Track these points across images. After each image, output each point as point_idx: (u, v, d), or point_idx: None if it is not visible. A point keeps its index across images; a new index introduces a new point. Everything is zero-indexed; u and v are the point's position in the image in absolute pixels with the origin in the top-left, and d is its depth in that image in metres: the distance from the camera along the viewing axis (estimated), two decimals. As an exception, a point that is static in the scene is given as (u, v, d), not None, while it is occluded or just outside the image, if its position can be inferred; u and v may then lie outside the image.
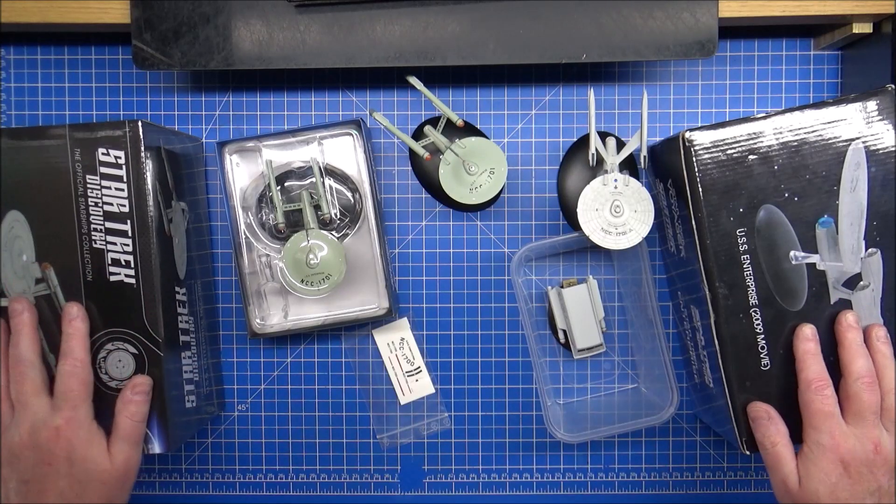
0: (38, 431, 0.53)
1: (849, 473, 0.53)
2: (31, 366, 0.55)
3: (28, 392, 0.54)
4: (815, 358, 0.55)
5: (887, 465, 0.53)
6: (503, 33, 0.57)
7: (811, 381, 0.55)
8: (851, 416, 0.54)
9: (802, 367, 0.55)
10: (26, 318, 0.56)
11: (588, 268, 0.66)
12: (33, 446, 0.53)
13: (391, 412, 0.67)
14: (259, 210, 0.62)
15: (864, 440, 0.53)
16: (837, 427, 0.53)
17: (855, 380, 0.54)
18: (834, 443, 0.53)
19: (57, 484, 0.53)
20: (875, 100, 0.55)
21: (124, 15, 0.58)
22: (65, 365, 0.54)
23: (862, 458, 0.53)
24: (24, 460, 0.53)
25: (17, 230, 0.56)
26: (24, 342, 0.55)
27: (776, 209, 0.55)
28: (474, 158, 0.59)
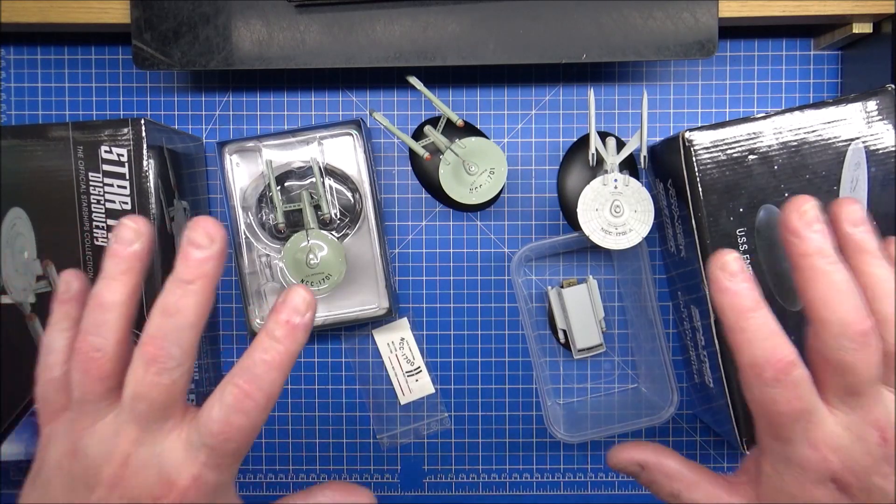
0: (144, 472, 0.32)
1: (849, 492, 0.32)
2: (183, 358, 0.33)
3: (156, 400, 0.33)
4: (758, 316, 0.33)
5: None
6: (503, 33, 0.57)
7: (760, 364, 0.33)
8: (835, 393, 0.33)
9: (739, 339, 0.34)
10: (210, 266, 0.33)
11: (588, 268, 0.66)
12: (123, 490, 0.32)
13: (391, 412, 0.67)
14: (259, 210, 0.62)
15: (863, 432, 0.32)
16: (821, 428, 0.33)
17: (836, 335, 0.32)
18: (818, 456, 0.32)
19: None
20: (875, 100, 0.55)
21: (124, 15, 0.58)
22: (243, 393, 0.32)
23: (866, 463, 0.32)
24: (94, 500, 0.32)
25: (18, 227, 0.56)
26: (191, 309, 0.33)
27: (776, 209, 0.55)
28: (474, 158, 0.59)
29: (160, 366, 0.32)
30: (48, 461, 0.34)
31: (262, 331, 0.33)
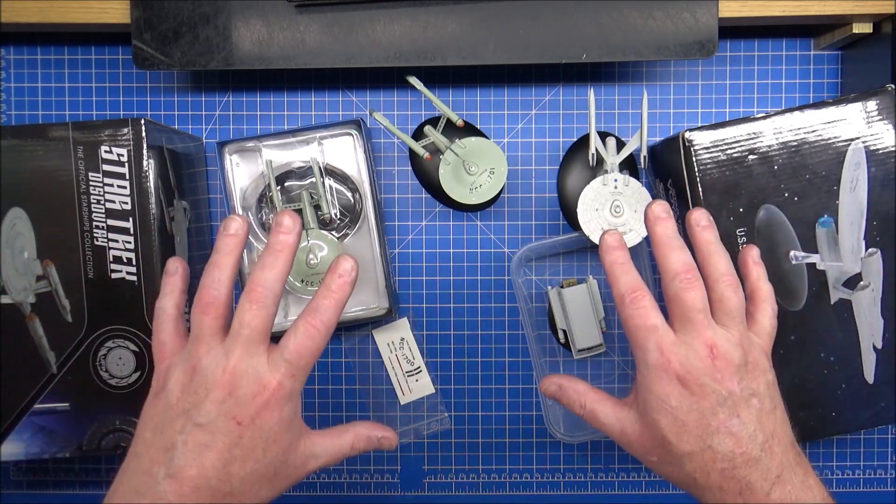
0: (246, 378, 0.44)
1: (690, 390, 0.44)
2: (275, 299, 0.46)
3: (257, 327, 0.45)
4: (625, 267, 0.47)
5: (731, 366, 0.44)
6: (503, 33, 0.57)
7: (624, 294, 0.46)
8: (677, 321, 0.46)
9: (612, 281, 0.47)
10: (292, 241, 0.47)
11: (588, 268, 0.66)
12: (231, 390, 0.43)
13: (391, 412, 0.67)
14: (259, 210, 0.62)
15: (695, 346, 0.44)
16: (664, 339, 0.45)
17: (672, 279, 0.46)
18: (663, 359, 0.44)
19: (230, 450, 0.43)
20: (875, 100, 0.55)
21: (124, 15, 0.58)
22: (309, 325, 0.45)
23: (699, 367, 0.44)
24: (211, 400, 0.43)
25: (18, 227, 0.56)
26: (280, 267, 0.46)
27: (776, 209, 0.55)
28: (474, 158, 0.59)
29: (260, 303, 0.45)
30: (170, 379, 0.45)
31: (322, 285, 0.47)
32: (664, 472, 0.47)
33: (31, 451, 0.58)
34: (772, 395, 0.46)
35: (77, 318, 0.56)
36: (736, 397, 0.44)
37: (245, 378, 0.44)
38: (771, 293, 0.50)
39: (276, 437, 0.44)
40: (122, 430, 0.58)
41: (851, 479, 0.67)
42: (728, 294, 0.46)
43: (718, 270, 0.47)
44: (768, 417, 0.44)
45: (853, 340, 0.57)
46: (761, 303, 0.49)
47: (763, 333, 0.48)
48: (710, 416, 0.44)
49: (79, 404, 0.57)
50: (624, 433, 0.48)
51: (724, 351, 0.45)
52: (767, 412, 0.44)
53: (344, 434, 0.49)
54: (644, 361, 0.45)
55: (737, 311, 0.46)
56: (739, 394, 0.44)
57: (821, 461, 0.67)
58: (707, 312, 0.45)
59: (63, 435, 0.58)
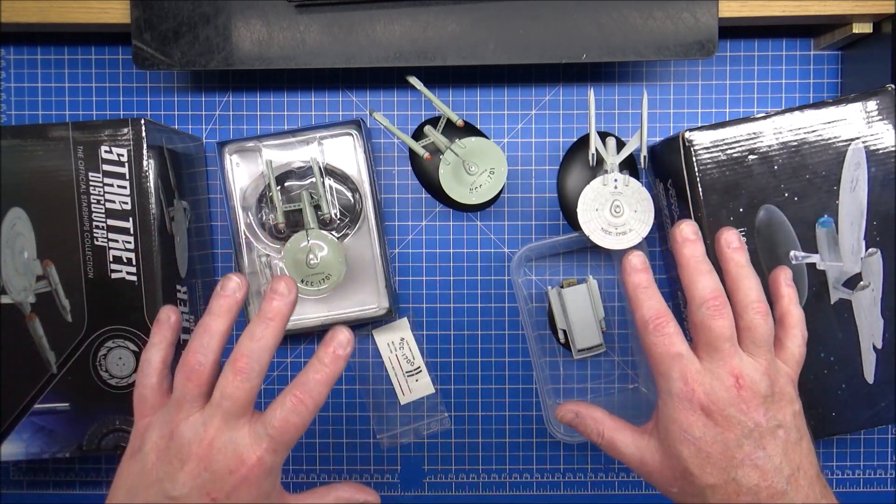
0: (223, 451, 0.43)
1: (714, 421, 0.43)
2: (260, 372, 0.44)
3: (238, 399, 0.43)
4: (648, 291, 0.46)
5: (757, 397, 0.43)
6: (503, 33, 0.57)
7: (648, 320, 0.45)
8: (703, 348, 0.45)
9: (635, 305, 0.46)
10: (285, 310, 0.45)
11: (588, 268, 0.66)
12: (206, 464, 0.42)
13: (391, 412, 0.67)
14: (259, 210, 0.62)
15: (721, 375, 0.43)
16: (689, 367, 0.44)
17: (699, 305, 0.44)
18: (688, 388, 0.43)
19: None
20: (875, 100, 0.55)
21: (124, 15, 0.58)
22: (297, 400, 0.44)
23: (724, 397, 0.43)
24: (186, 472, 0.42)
25: (18, 227, 0.56)
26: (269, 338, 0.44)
27: (776, 209, 0.55)
28: (474, 158, 0.59)
29: (245, 375, 0.43)
30: (147, 442, 0.44)
31: (314, 356, 0.45)
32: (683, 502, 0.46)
33: (31, 451, 0.58)
34: (798, 425, 0.44)
35: (77, 318, 0.56)
36: (762, 429, 0.43)
37: (222, 453, 0.42)
38: (802, 318, 0.48)
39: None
40: (122, 430, 0.58)
41: (851, 479, 0.67)
42: (757, 322, 0.45)
43: (749, 297, 0.45)
44: (794, 449, 0.43)
45: (853, 340, 0.57)
46: (791, 329, 0.48)
47: (791, 361, 0.47)
48: (734, 448, 0.43)
49: (79, 404, 0.57)
50: (644, 463, 0.46)
51: (750, 381, 0.43)
52: (793, 443, 0.43)
53: (325, 497, 0.48)
54: (667, 390, 0.44)
55: (765, 339, 0.45)
56: (766, 425, 0.43)
57: (821, 461, 0.67)
58: (734, 341, 0.44)
59: (63, 435, 0.58)
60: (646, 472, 0.47)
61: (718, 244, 0.47)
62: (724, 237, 0.47)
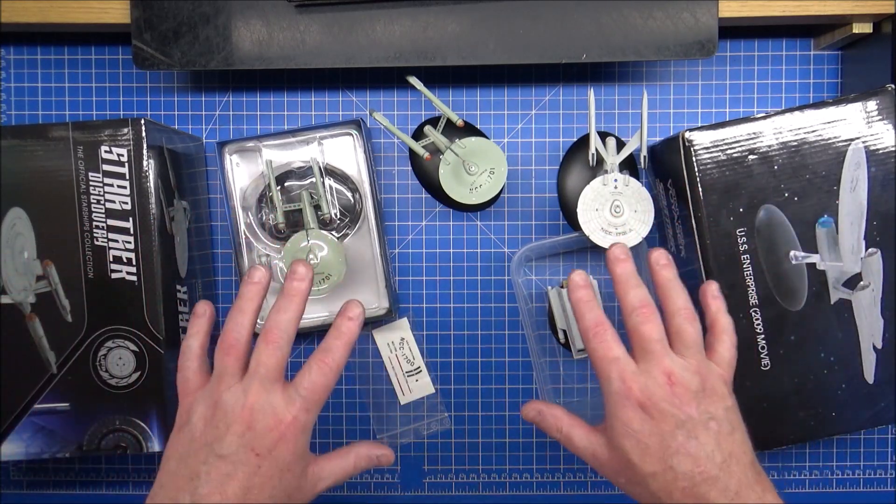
0: (263, 413, 0.47)
1: (650, 415, 0.47)
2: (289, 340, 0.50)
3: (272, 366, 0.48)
4: (589, 304, 0.51)
5: (688, 392, 0.47)
6: (503, 33, 0.57)
7: (588, 329, 0.50)
8: (637, 352, 0.49)
9: (579, 317, 0.51)
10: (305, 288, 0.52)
11: (588, 268, 0.66)
12: (249, 425, 0.47)
13: (391, 412, 0.67)
14: (259, 210, 0.62)
15: (654, 374, 0.47)
16: (626, 368, 0.48)
17: (630, 313, 0.49)
18: (625, 387, 0.47)
19: (249, 480, 0.46)
20: (875, 100, 0.55)
21: (124, 15, 0.58)
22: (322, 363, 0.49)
23: (658, 393, 0.47)
24: (232, 433, 0.47)
25: (18, 227, 0.56)
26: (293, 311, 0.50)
27: (776, 209, 0.55)
28: (474, 158, 0.59)
29: (276, 344, 0.49)
30: (194, 414, 0.48)
31: (333, 326, 0.51)
32: (632, 492, 0.49)
33: (31, 451, 0.58)
34: (730, 419, 0.48)
35: (77, 318, 0.56)
36: (694, 421, 0.46)
37: (262, 413, 0.47)
38: (730, 325, 0.52)
39: (291, 466, 0.48)
40: (122, 429, 0.58)
41: (851, 479, 0.67)
42: (685, 327, 0.49)
43: (676, 305, 0.50)
44: (727, 439, 0.46)
45: (853, 340, 0.57)
46: (720, 334, 0.51)
47: (723, 363, 0.50)
48: (669, 439, 0.46)
49: (79, 404, 0.57)
50: (595, 456, 0.50)
51: (681, 378, 0.47)
52: (726, 434, 0.47)
53: (346, 455, 0.53)
54: (609, 391, 0.48)
55: (694, 341, 0.49)
56: (698, 417, 0.46)
57: (821, 461, 0.67)
58: (664, 343, 0.49)
59: (63, 435, 0.58)
60: (598, 464, 0.50)
61: (649, 262, 0.51)
62: (654, 256, 0.51)
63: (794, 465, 0.67)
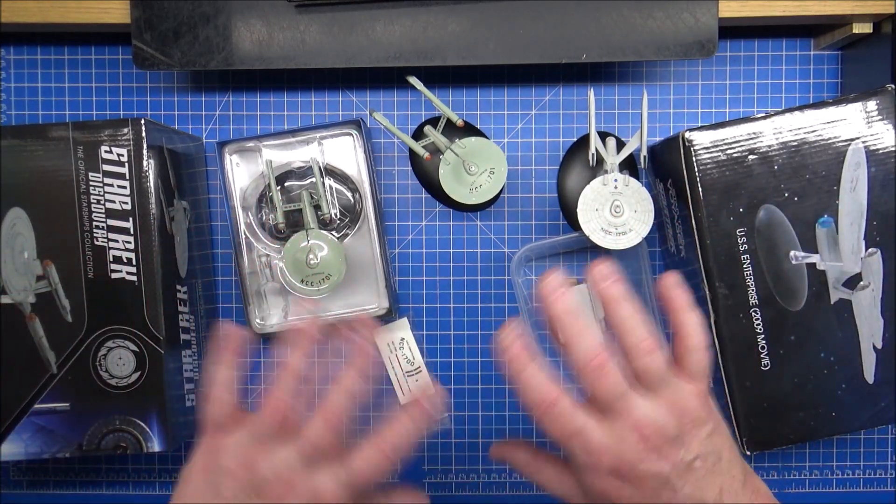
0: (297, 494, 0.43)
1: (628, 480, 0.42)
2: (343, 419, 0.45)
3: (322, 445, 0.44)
4: (532, 366, 0.44)
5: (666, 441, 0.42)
6: (503, 33, 0.57)
7: (535, 404, 0.43)
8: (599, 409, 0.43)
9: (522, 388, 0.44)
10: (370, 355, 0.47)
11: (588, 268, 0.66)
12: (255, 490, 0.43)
13: (391, 412, 0.67)
14: (259, 210, 0.62)
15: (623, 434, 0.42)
16: (589, 440, 0.42)
17: (581, 370, 0.43)
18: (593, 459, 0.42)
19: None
20: (875, 100, 0.55)
21: (124, 15, 0.58)
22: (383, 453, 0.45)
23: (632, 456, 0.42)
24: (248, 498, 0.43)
25: (18, 227, 0.56)
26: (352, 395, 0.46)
27: (776, 209, 0.55)
28: (474, 158, 0.59)
29: (333, 425, 0.44)
30: (223, 464, 0.44)
31: (403, 413, 0.46)
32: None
33: (31, 451, 0.58)
34: (714, 445, 0.43)
35: (77, 318, 0.56)
36: (678, 470, 0.42)
37: (300, 497, 0.43)
38: (698, 323, 0.45)
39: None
40: (122, 430, 0.58)
41: (851, 479, 0.67)
42: (647, 362, 0.43)
43: (633, 338, 0.43)
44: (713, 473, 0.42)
45: (853, 340, 0.57)
46: (688, 339, 0.45)
47: (697, 375, 0.44)
48: (653, 499, 0.42)
49: (79, 404, 0.57)
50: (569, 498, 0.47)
51: (654, 429, 0.42)
52: (710, 468, 0.42)
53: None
54: (575, 464, 0.44)
55: (661, 376, 0.43)
56: (682, 465, 0.42)
57: (821, 461, 0.67)
58: (627, 393, 0.42)
59: (63, 435, 0.58)
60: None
61: (592, 278, 0.45)
62: (595, 271, 0.45)
63: (794, 465, 0.67)
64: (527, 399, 0.43)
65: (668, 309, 0.46)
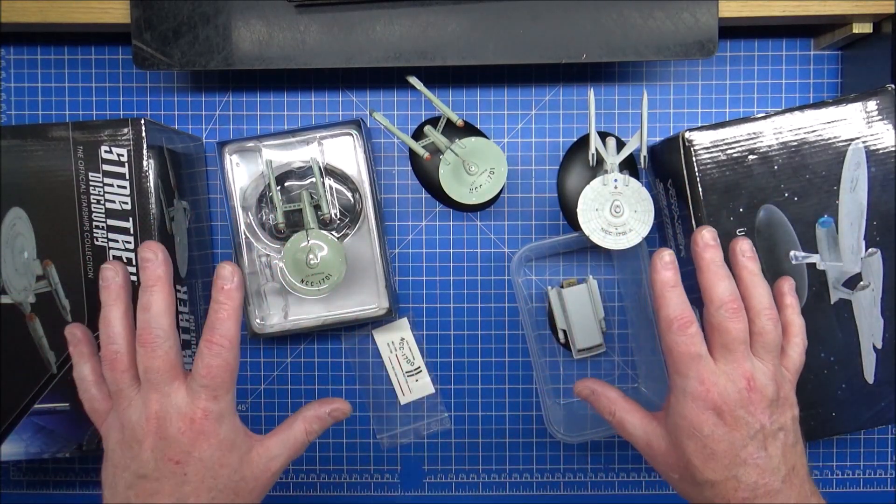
0: (169, 418, 0.45)
1: (724, 420, 0.45)
2: (166, 335, 0.46)
3: (160, 368, 0.45)
4: (675, 290, 0.47)
5: (765, 400, 0.45)
6: (503, 33, 0.57)
7: (672, 319, 0.46)
8: (718, 350, 0.47)
9: (661, 303, 0.47)
10: (161, 272, 0.47)
11: (588, 268, 0.66)
12: (160, 435, 0.45)
13: (391, 412, 0.67)
14: (259, 210, 0.62)
15: (735, 377, 0.45)
16: (706, 369, 0.46)
17: (718, 308, 0.46)
18: (703, 388, 0.45)
19: (180, 489, 0.44)
20: (875, 100, 0.55)
21: (124, 15, 0.58)
22: (210, 343, 0.46)
23: (736, 398, 0.45)
24: (145, 450, 0.45)
25: (18, 227, 0.56)
26: (158, 303, 0.46)
27: (776, 209, 0.55)
28: (474, 158, 0.59)
29: (152, 345, 0.45)
30: (109, 441, 0.47)
31: (211, 301, 0.47)
32: (681, 489, 0.48)
33: (31, 451, 0.58)
34: (795, 429, 0.47)
35: (77, 318, 0.56)
36: (766, 431, 0.45)
37: (169, 419, 0.45)
38: (803, 327, 0.51)
39: (222, 459, 0.45)
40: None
41: (851, 479, 0.67)
42: (769, 328, 0.47)
43: (762, 303, 0.48)
44: (791, 451, 0.46)
45: (853, 340, 0.57)
46: (793, 337, 0.50)
47: (792, 368, 0.49)
48: (739, 448, 0.45)
49: (79, 404, 0.57)
50: (650, 446, 0.49)
51: (760, 384, 0.46)
52: (791, 446, 0.46)
53: (294, 424, 0.50)
54: (682, 388, 0.46)
55: (774, 345, 0.47)
56: (769, 427, 0.45)
57: (821, 461, 0.67)
58: (748, 344, 0.47)
59: (63, 435, 0.58)
60: (650, 454, 0.49)
61: (733, 252, 0.49)
62: (739, 246, 0.49)
63: (794, 465, 0.67)
64: (667, 312, 0.47)
65: (781, 310, 0.51)
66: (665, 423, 0.48)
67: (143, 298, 0.47)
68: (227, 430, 0.46)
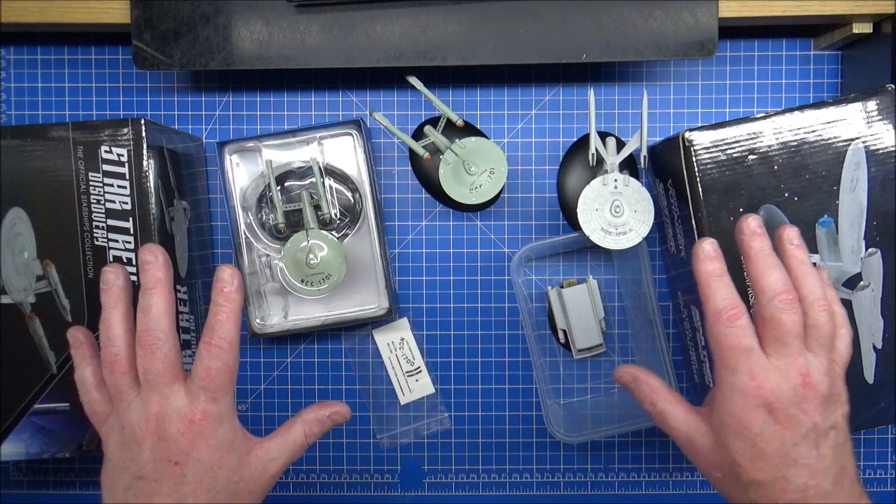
0: (169, 420, 0.45)
1: (776, 418, 0.43)
2: (166, 337, 0.46)
3: (159, 370, 0.45)
4: (722, 280, 0.45)
5: (818, 397, 0.43)
6: (503, 33, 0.57)
7: (721, 310, 0.44)
8: (770, 344, 0.44)
9: (707, 293, 0.45)
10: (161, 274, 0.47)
11: (588, 268, 0.66)
12: (159, 436, 0.45)
13: (391, 412, 0.67)
14: (259, 210, 0.62)
15: (789, 373, 0.43)
16: (757, 364, 0.43)
17: (770, 299, 0.44)
18: (754, 384, 0.43)
19: (178, 490, 0.44)
20: (875, 100, 0.55)
21: (124, 15, 0.58)
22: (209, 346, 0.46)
23: (789, 396, 0.43)
24: (144, 451, 0.45)
25: (18, 227, 0.56)
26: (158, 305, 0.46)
27: (776, 209, 0.55)
28: (474, 158, 0.59)
29: (152, 347, 0.45)
30: (109, 443, 0.47)
31: (210, 303, 0.47)
32: (723, 489, 0.46)
33: (31, 451, 0.58)
34: (846, 427, 0.45)
35: (77, 318, 0.56)
36: (818, 430, 0.43)
37: (168, 420, 0.45)
38: (846, 317, 0.49)
39: (220, 461, 0.46)
40: (122, 430, 0.57)
41: (851, 479, 0.67)
42: (823, 320, 0.45)
43: (815, 294, 0.45)
44: (842, 451, 0.44)
45: (853, 340, 0.57)
46: (839, 328, 0.48)
47: (841, 361, 0.47)
48: (790, 447, 0.43)
49: (79, 404, 0.57)
50: (691, 442, 0.47)
51: (815, 381, 0.43)
52: (841, 445, 0.44)
53: (293, 427, 0.50)
54: (731, 384, 0.44)
55: (828, 338, 0.45)
56: (822, 426, 0.43)
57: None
58: (802, 338, 0.44)
59: (63, 435, 0.58)
60: (691, 451, 0.47)
61: (780, 241, 0.47)
62: (786, 234, 0.47)
63: (794, 465, 0.67)
64: (714, 303, 0.44)
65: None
66: (710, 420, 0.46)
67: (143, 301, 0.47)
68: (227, 432, 0.46)
